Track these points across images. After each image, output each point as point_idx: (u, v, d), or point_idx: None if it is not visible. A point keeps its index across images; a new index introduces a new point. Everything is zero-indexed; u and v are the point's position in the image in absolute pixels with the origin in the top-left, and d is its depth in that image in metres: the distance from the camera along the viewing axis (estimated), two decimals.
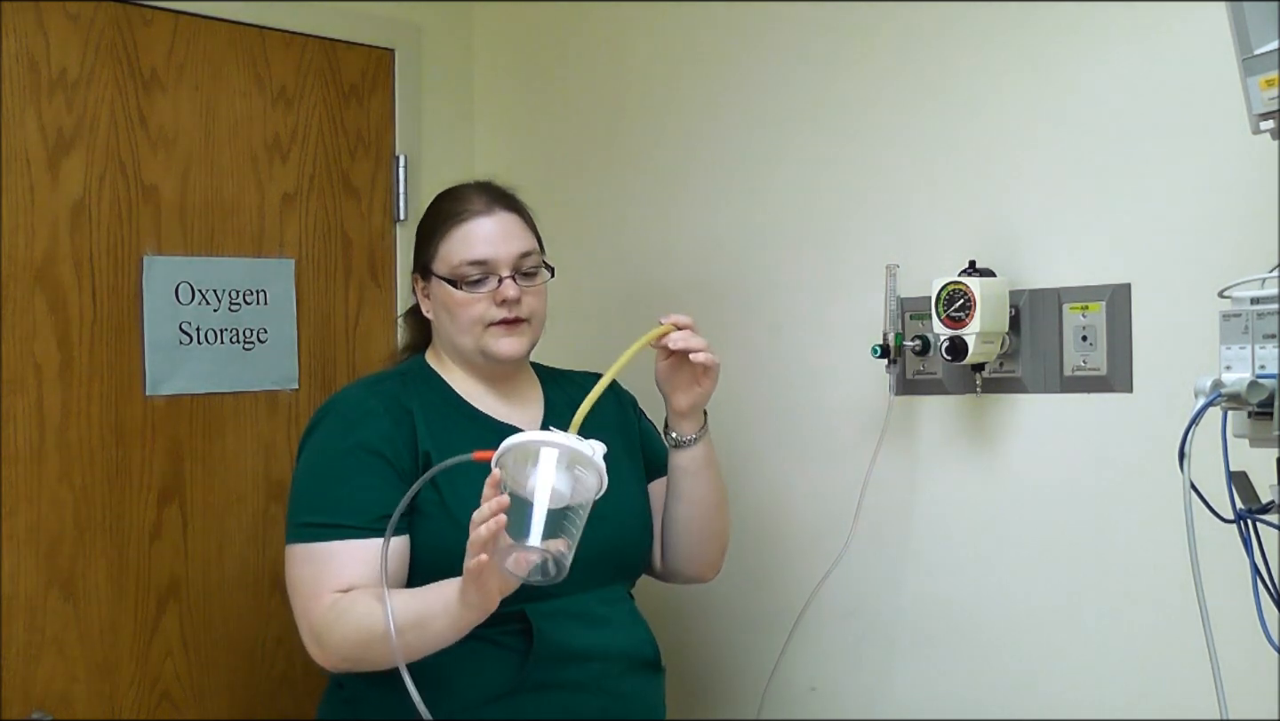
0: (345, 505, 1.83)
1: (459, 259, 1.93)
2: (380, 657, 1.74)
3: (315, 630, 1.81)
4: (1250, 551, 1.49)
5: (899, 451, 2.23)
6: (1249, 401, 1.43)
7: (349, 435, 1.89)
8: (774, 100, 2.42)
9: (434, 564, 1.81)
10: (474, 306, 1.93)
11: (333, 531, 1.82)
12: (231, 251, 2.46)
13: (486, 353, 1.95)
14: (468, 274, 1.93)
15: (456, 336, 1.97)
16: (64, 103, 2.24)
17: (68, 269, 2.24)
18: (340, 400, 1.98)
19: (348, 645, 1.78)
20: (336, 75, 2.63)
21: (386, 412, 1.90)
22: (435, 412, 1.94)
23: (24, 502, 2.17)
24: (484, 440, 1.85)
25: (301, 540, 1.85)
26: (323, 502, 1.85)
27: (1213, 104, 1.84)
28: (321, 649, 1.81)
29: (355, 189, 2.66)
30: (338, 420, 1.92)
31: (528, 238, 1.99)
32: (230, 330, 2.45)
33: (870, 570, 2.27)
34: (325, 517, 1.83)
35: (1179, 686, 1.90)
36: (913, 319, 2.19)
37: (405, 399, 1.93)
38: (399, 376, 2.01)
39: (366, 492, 1.83)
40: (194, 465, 2.39)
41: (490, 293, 1.93)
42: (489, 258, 1.93)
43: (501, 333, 1.94)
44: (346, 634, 1.77)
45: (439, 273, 1.96)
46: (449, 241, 1.95)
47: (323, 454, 1.91)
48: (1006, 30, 2.11)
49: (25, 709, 2.16)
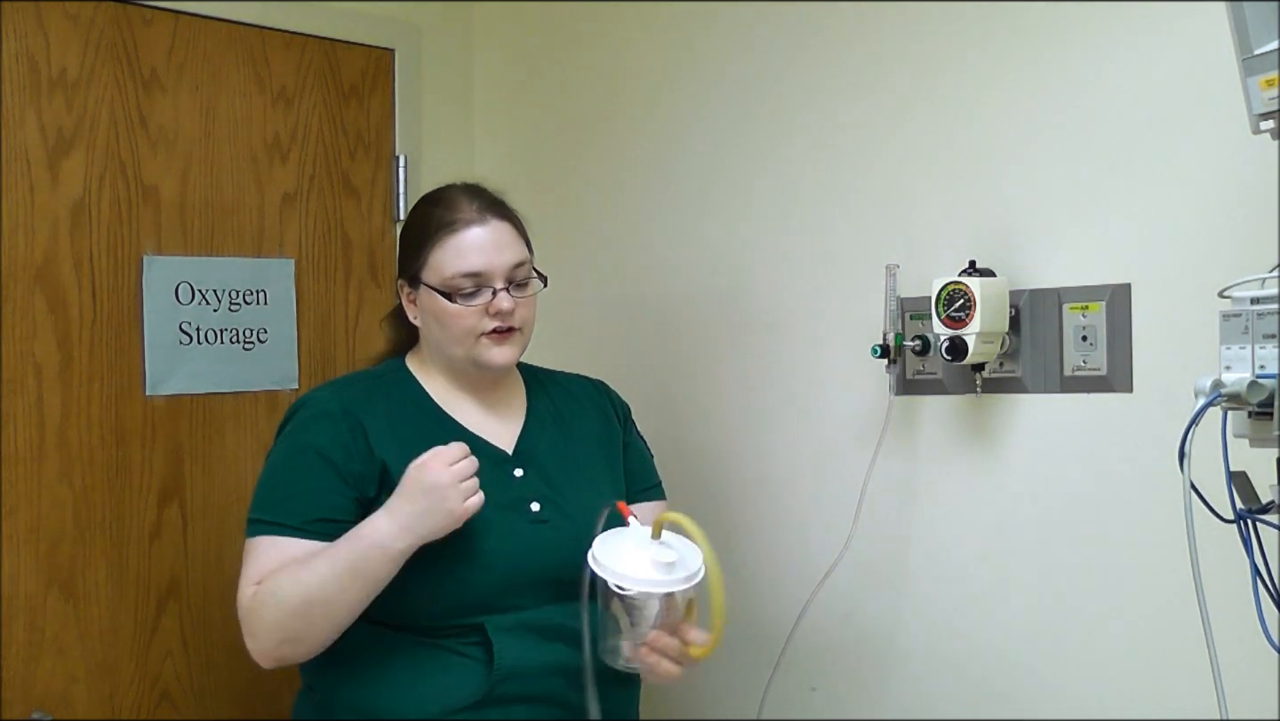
0: (285, 505, 1.84)
1: (452, 270, 1.89)
2: (321, 623, 1.76)
3: (244, 622, 1.82)
4: (1250, 551, 1.49)
5: (899, 451, 2.23)
6: (1249, 401, 1.43)
7: (303, 436, 1.89)
8: (774, 99, 2.42)
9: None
10: (467, 318, 1.90)
11: (269, 528, 1.83)
12: (231, 251, 2.46)
13: (478, 362, 1.93)
14: (461, 286, 1.89)
15: (447, 346, 1.94)
16: (64, 103, 2.24)
17: (68, 269, 2.24)
18: (305, 400, 1.97)
19: (282, 623, 1.78)
20: (336, 75, 2.63)
21: (344, 415, 1.88)
22: (401, 416, 1.92)
23: (24, 502, 2.17)
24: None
25: (249, 534, 1.87)
26: (269, 500, 1.87)
27: (1213, 104, 1.84)
28: (253, 638, 1.82)
29: (355, 189, 2.66)
30: (298, 420, 1.92)
31: (520, 247, 1.95)
32: (230, 330, 2.45)
33: (870, 570, 2.27)
34: (267, 515, 1.85)
35: (1179, 686, 1.90)
36: (913, 319, 2.19)
37: (368, 402, 1.92)
38: (371, 378, 2.00)
39: (307, 494, 1.83)
40: (194, 465, 2.39)
41: (484, 304, 1.90)
42: (483, 270, 1.89)
43: (493, 342, 1.91)
44: (281, 611, 1.77)
45: (429, 282, 1.92)
46: (440, 251, 1.90)
47: (278, 453, 1.92)
48: (1006, 30, 2.11)
49: (25, 709, 2.16)
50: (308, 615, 1.77)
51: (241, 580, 1.85)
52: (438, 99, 2.81)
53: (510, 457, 1.94)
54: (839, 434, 2.32)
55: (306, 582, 1.76)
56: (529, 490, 1.91)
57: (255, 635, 1.81)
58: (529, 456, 1.95)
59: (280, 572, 1.79)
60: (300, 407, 1.95)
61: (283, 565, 1.80)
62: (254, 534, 1.86)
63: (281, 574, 1.79)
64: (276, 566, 1.80)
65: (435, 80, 2.80)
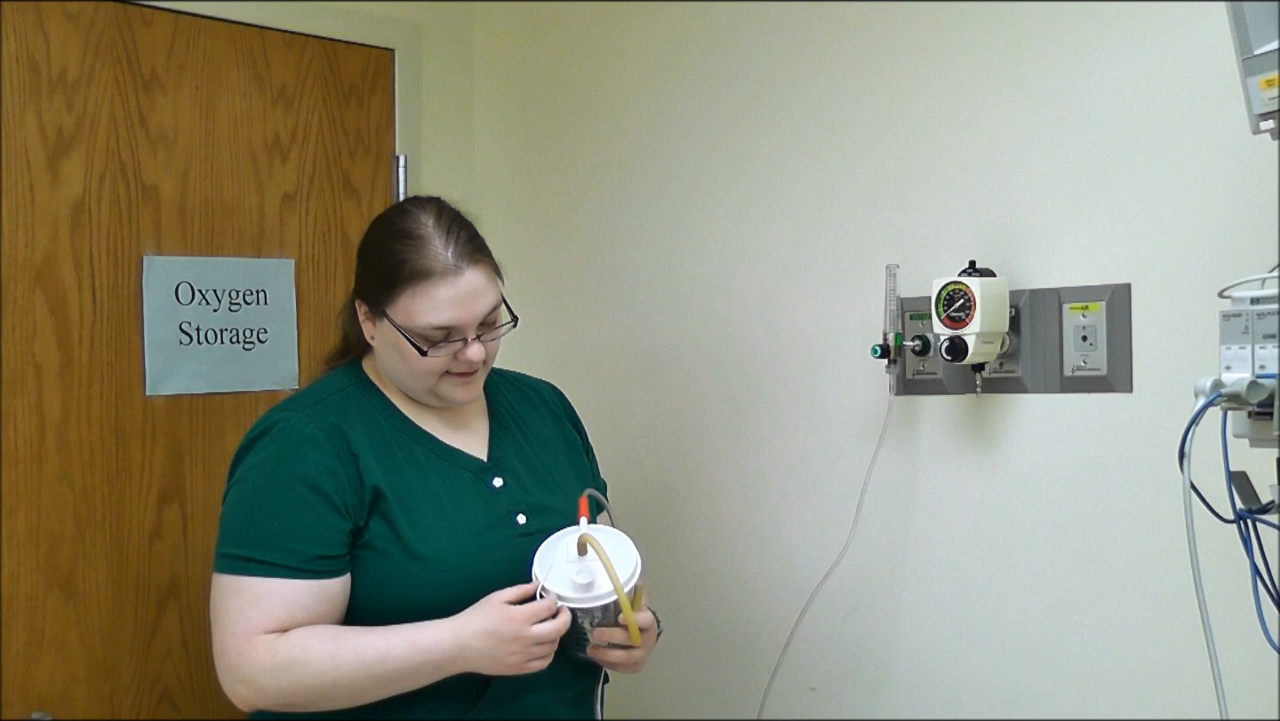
0: (279, 542, 1.72)
1: (424, 322, 1.78)
2: (340, 702, 1.71)
3: (245, 674, 1.71)
4: (1250, 551, 1.49)
5: (899, 451, 2.23)
6: (1249, 401, 1.43)
7: (287, 465, 1.76)
8: (773, 99, 2.42)
9: (384, 601, 1.76)
10: (433, 363, 1.81)
11: (264, 568, 1.72)
12: (231, 251, 2.46)
13: (440, 397, 1.86)
14: (432, 336, 1.79)
15: (407, 380, 1.85)
16: (64, 103, 2.24)
17: (68, 269, 2.24)
18: (279, 425, 1.81)
19: (300, 692, 1.70)
20: (336, 75, 2.63)
21: (328, 441, 1.77)
22: (379, 436, 1.83)
23: (24, 502, 2.17)
24: (434, 467, 1.84)
25: (231, 571, 1.74)
26: (256, 535, 1.74)
27: (1213, 104, 1.84)
28: (251, 690, 1.71)
29: (355, 189, 2.66)
30: (275, 446, 1.78)
31: (494, 291, 1.84)
32: (230, 330, 2.45)
33: (870, 570, 2.27)
34: (258, 553, 1.72)
35: (1179, 686, 1.90)
36: (913, 319, 2.19)
37: (346, 424, 1.81)
38: (338, 396, 1.86)
39: (303, 530, 1.73)
40: (194, 465, 2.39)
41: (452, 352, 1.81)
42: (456, 323, 1.79)
43: (457, 382, 1.84)
44: (306, 682, 1.69)
45: (396, 321, 1.80)
46: (412, 298, 1.78)
47: (259, 482, 1.78)
48: (1006, 30, 2.11)
49: (25, 709, 2.16)
50: (332, 696, 1.70)
51: (233, 621, 1.72)
52: (438, 99, 2.81)
53: (488, 466, 1.89)
54: (839, 434, 2.32)
55: (343, 665, 1.69)
56: (511, 502, 1.87)
57: (261, 690, 1.71)
58: (503, 463, 1.91)
59: (309, 639, 1.70)
60: (268, 432, 1.80)
61: (290, 614, 1.71)
62: (241, 572, 1.73)
63: (311, 641, 1.70)
64: (283, 615, 1.71)
65: (435, 80, 2.80)
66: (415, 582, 1.76)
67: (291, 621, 1.72)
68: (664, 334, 2.60)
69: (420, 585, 1.76)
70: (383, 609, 1.75)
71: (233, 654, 1.72)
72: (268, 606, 1.71)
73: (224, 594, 1.75)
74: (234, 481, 1.82)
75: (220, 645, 1.74)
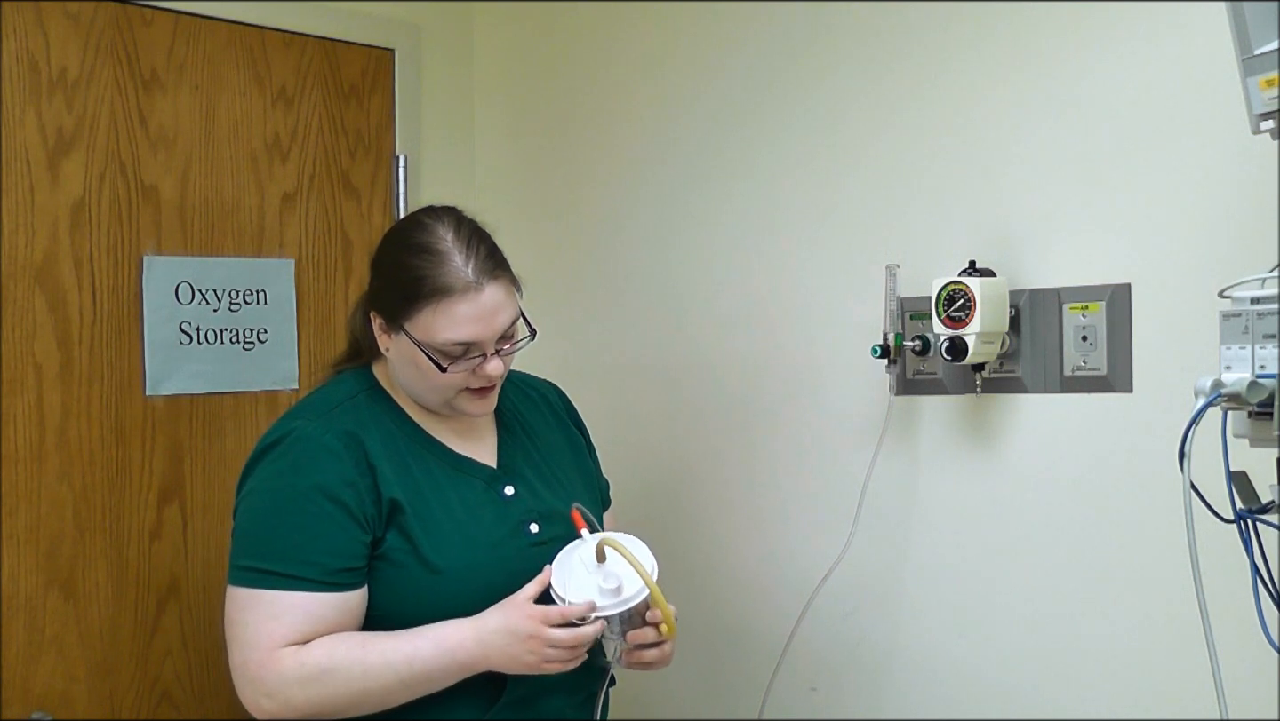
0: (300, 554, 1.70)
1: (444, 338, 1.76)
2: (365, 708, 1.71)
3: (269, 687, 1.69)
4: (1250, 551, 1.49)
5: (899, 451, 2.23)
6: (1249, 401, 1.43)
7: (305, 475, 1.74)
8: (774, 100, 2.42)
9: (400, 613, 1.75)
10: (451, 378, 1.79)
11: (285, 581, 1.70)
12: (231, 251, 2.46)
13: (455, 410, 1.84)
14: (451, 351, 1.77)
15: (423, 393, 1.84)
16: (64, 103, 2.24)
17: (68, 269, 2.24)
18: (293, 433, 1.78)
19: (330, 701, 1.70)
20: (336, 75, 2.63)
21: (346, 452, 1.75)
22: (393, 445, 1.81)
23: (24, 502, 2.17)
24: (447, 477, 1.84)
25: (249, 585, 1.72)
26: (274, 547, 1.72)
27: (1213, 104, 1.84)
28: (277, 703, 1.69)
29: (355, 189, 2.66)
30: (292, 456, 1.76)
31: (513, 305, 1.82)
32: (230, 330, 2.45)
33: (870, 570, 2.27)
34: (278, 565, 1.70)
35: (1179, 686, 1.90)
36: (913, 319, 2.19)
37: (362, 433, 1.79)
38: (350, 403, 1.84)
39: (323, 542, 1.71)
40: (194, 465, 2.39)
41: (471, 368, 1.79)
42: (476, 339, 1.77)
43: (474, 397, 1.83)
44: (337, 691, 1.69)
45: (414, 336, 1.77)
46: (432, 315, 1.75)
47: (276, 494, 1.75)
48: (1006, 30, 2.11)
49: (25, 709, 2.16)
50: (361, 703, 1.71)
51: (253, 634, 1.70)
52: (438, 99, 2.81)
53: (498, 474, 1.89)
54: (839, 434, 2.32)
55: (373, 671, 1.69)
56: (524, 510, 1.86)
57: (288, 703, 1.69)
58: (513, 470, 1.90)
59: (337, 647, 1.70)
60: (286, 441, 1.78)
61: (312, 627, 1.70)
62: (260, 585, 1.71)
63: (339, 649, 1.70)
64: (306, 628, 1.70)
65: (435, 80, 2.80)
66: (432, 595, 1.75)
67: (314, 634, 1.71)
68: (663, 333, 2.60)
69: (437, 598, 1.75)
70: (398, 621, 1.75)
71: (255, 667, 1.70)
72: (290, 620, 1.70)
73: (242, 606, 1.73)
74: (247, 492, 1.79)
75: (240, 659, 1.72)
